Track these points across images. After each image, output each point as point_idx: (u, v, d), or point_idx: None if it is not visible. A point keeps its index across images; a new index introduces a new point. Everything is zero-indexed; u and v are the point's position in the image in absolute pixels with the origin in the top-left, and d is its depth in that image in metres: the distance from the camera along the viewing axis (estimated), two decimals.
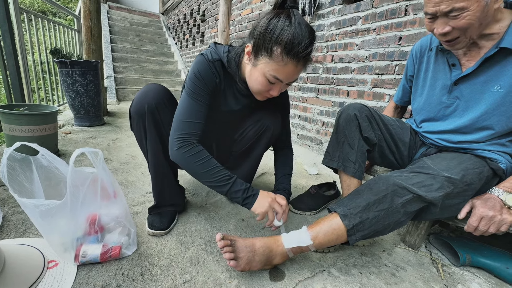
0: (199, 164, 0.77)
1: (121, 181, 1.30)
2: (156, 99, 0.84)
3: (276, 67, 0.72)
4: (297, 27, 0.68)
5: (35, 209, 0.65)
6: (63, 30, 2.98)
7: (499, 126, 0.79)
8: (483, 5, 0.66)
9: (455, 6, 0.66)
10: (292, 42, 0.68)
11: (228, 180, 0.78)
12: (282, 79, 0.75)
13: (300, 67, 0.74)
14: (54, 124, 1.46)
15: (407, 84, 1.07)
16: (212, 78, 0.82)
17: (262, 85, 0.77)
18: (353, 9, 1.73)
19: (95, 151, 0.74)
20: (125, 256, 0.78)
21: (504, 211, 0.72)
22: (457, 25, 0.69)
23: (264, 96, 0.83)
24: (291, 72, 0.74)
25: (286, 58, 0.70)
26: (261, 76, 0.76)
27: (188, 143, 0.78)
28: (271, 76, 0.74)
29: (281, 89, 0.81)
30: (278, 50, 0.69)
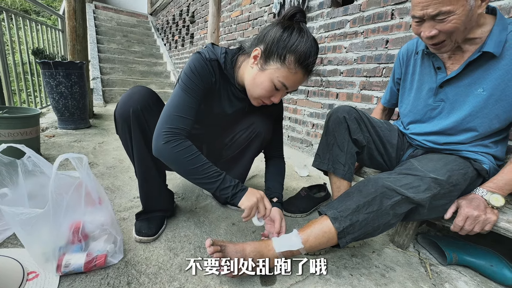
0: (188, 160, 0.72)
1: (107, 186, 1.26)
2: (141, 102, 0.81)
3: (286, 74, 0.75)
4: (311, 41, 0.73)
5: (15, 217, 0.62)
6: (47, 30, 2.89)
7: (482, 128, 0.81)
8: (468, 9, 0.68)
9: (442, 10, 0.68)
10: (306, 54, 0.72)
11: (217, 176, 0.75)
12: (288, 86, 0.77)
13: (306, 77, 0.79)
14: (36, 127, 1.41)
15: (394, 86, 1.08)
16: (208, 76, 0.81)
17: (267, 90, 0.78)
18: (341, 13, 1.75)
19: (79, 156, 0.72)
20: (111, 265, 0.75)
21: (488, 211, 0.74)
22: (443, 29, 0.71)
23: (262, 102, 0.83)
24: (298, 81, 0.77)
25: (298, 67, 0.74)
26: (268, 81, 0.77)
27: (176, 138, 0.72)
28: (279, 82, 0.76)
29: (282, 95, 0.82)
30: (291, 58, 0.73)
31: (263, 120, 0.99)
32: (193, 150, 0.74)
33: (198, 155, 0.75)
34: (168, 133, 0.72)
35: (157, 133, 0.74)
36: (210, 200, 1.22)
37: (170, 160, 0.73)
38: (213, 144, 1.06)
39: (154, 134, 0.75)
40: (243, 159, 1.05)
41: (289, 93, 0.82)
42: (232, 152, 1.04)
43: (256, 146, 1.01)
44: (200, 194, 1.27)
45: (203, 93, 0.80)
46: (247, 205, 0.76)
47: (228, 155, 1.05)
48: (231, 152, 1.04)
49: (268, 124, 1.00)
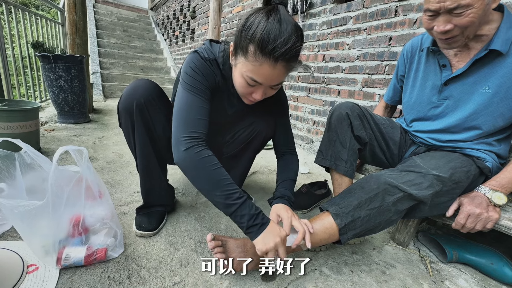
0: (212, 170, 0.66)
1: (107, 180, 1.25)
2: (145, 96, 0.79)
3: (251, 67, 0.66)
4: (274, 23, 0.61)
5: (13, 210, 0.61)
6: (46, 24, 2.86)
7: (486, 126, 0.81)
8: (486, 3, 0.66)
9: (461, 3, 0.65)
10: (266, 39, 0.60)
11: (237, 198, 0.65)
12: (259, 81, 0.68)
13: (280, 68, 0.65)
14: (36, 121, 1.40)
15: (397, 83, 1.08)
16: (212, 75, 0.77)
17: (242, 87, 0.72)
18: (344, 9, 1.73)
19: (80, 149, 0.71)
20: (111, 259, 0.75)
21: (490, 209, 0.74)
22: (459, 23, 0.68)
23: (248, 100, 0.76)
24: (268, 73, 0.66)
25: (261, 57, 0.63)
26: (239, 77, 0.70)
27: (199, 144, 0.67)
28: (248, 78, 0.68)
29: (266, 93, 0.74)
30: (252, 49, 0.63)
31: (264, 118, 0.97)
32: (215, 160, 0.68)
33: (220, 168, 0.68)
34: (190, 139, 0.67)
35: (176, 141, 0.68)
36: None
37: (192, 169, 0.67)
38: (215, 141, 1.05)
39: (172, 143, 0.70)
40: (244, 157, 1.04)
41: (274, 88, 0.73)
42: (232, 150, 1.03)
43: (257, 144, 1.00)
44: None
45: (210, 92, 0.76)
46: (261, 249, 0.64)
47: (229, 152, 1.04)
48: (232, 150, 1.03)
49: (269, 122, 0.97)
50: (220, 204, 0.66)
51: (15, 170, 0.69)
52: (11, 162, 0.69)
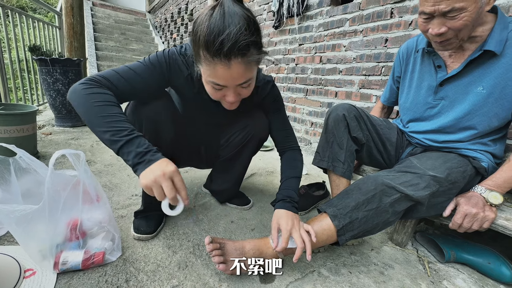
0: (96, 106, 0.60)
1: (105, 183, 1.25)
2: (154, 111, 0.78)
3: (209, 72, 0.62)
4: (217, 19, 0.56)
5: (9, 214, 0.61)
6: (44, 27, 2.86)
7: (481, 126, 0.81)
8: (479, 6, 0.67)
9: (455, 6, 0.66)
10: (209, 39, 0.56)
11: (125, 136, 0.59)
12: (222, 84, 0.64)
13: (237, 65, 0.59)
14: (33, 124, 1.39)
15: (394, 84, 1.08)
16: (179, 65, 0.74)
17: (212, 93, 0.69)
18: (341, 11, 1.75)
19: (77, 152, 0.71)
20: (109, 262, 0.74)
21: (487, 208, 0.74)
22: (453, 26, 0.69)
23: (226, 104, 0.73)
24: (226, 74, 0.61)
25: (212, 60, 0.59)
26: (206, 84, 0.68)
27: (95, 84, 0.63)
28: (211, 83, 0.65)
29: (240, 93, 0.69)
30: (202, 53, 0.60)
31: (258, 121, 0.96)
32: (109, 98, 0.62)
33: (112, 106, 0.62)
34: (90, 79, 0.64)
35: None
36: (209, 198, 1.21)
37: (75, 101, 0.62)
38: (211, 143, 1.05)
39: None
40: (240, 159, 1.04)
41: (243, 87, 0.68)
42: (228, 153, 1.03)
43: (252, 147, 1.00)
44: (199, 192, 1.26)
45: (164, 74, 0.74)
46: (142, 183, 0.58)
47: (225, 155, 1.04)
48: (227, 153, 1.03)
49: (263, 125, 0.96)
50: (106, 141, 0.60)
51: (10, 175, 0.69)
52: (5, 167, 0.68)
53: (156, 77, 0.73)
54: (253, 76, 0.68)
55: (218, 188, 1.15)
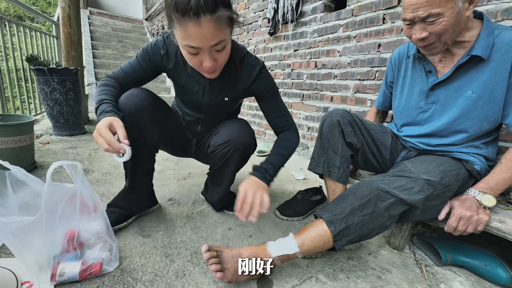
0: (99, 86, 0.85)
1: (103, 192, 1.25)
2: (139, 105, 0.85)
3: (182, 34, 0.66)
4: None
5: (5, 227, 0.61)
6: (41, 36, 2.87)
7: (473, 129, 0.83)
8: (457, 11, 0.71)
9: (432, 12, 0.70)
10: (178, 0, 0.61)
11: (98, 102, 0.79)
12: (195, 45, 0.66)
13: (207, 23, 0.62)
14: (30, 134, 1.40)
15: (387, 90, 1.10)
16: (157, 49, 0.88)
17: (189, 59, 0.73)
18: (334, 17, 1.78)
19: (74, 163, 0.71)
20: (106, 273, 0.74)
21: (481, 211, 0.75)
22: (433, 31, 0.74)
23: (205, 71, 0.76)
24: (197, 33, 0.63)
25: (182, 20, 0.62)
26: (182, 50, 0.72)
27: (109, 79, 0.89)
28: (186, 47, 0.68)
29: (217, 58, 0.72)
30: (174, 15, 0.64)
31: (240, 134, 0.97)
32: (108, 84, 0.86)
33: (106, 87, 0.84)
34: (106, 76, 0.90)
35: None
36: (207, 205, 1.22)
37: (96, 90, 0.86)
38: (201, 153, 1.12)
39: None
40: (227, 171, 1.05)
41: (217, 50, 0.70)
42: (215, 164, 1.04)
43: (236, 159, 1.00)
44: (196, 199, 1.26)
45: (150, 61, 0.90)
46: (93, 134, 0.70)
47: (213, 165, 1.07)
48: (215, 164, 1.05)
49: (246, 138, 0.98)
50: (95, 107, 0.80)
51: (6, 188, 0.69)
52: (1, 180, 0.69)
53: (145, 65, 0.90)
54: (227, 38, 0.70)
55: (213, 199, 1.16)
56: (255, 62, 0.93)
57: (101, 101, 0.79)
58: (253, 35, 2.61)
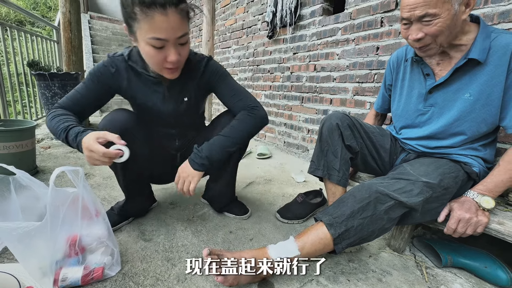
0: (51, 119, 0.78)
1: (104, 197, 1.25)
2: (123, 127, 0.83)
3: (147, 27, 0.67)
4: None
5: (11, 232, 0.61)
6: (42, 41, 2.90)
7: (470, 132, 0.84)
8: (453, 14, 0.72)
9: (428, 12, 0.72)
10: None
11: (65, 129, 0.74)
12: (163, 37, 0.68)
13: (173, 14, 0.67)
14: (32, 139, 1.41)
15: (386, 92, 1.11)
16: (106, 69, 0.86)
17: (154, 55, 0.72)
18: (333, 21, 1.79)
19: (76, 169, 0.72)
20: (108, 278, 0.75)
21: (480, 213, 0.76)
22: (429, 32, 0.75)
23: (167, 70, 0.77)
24: (164, 24, 0.66)
25: (149, 11, 0.65)
26: (146, 46, 0.71)
27: (53, 108, 0.83)
28: (152, 40, 0.68)
29: (180, 53, 0.74)
30: (137, 9, 0.65)
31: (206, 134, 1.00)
32: (60, 112, 0.80)
33: (61, 115, 0.78)
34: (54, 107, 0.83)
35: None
36: (208, 208, 1.22)
37: (47, 123, 0.80)
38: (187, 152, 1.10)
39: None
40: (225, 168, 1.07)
41: (181, 43, 0.73)
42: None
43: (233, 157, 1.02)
44: (197, 203, 1.27)
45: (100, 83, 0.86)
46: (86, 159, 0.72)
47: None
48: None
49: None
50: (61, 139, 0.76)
51: (10, 193, 0.70)
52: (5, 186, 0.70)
53: (95, 88, 0.86)
54: (188, 31, 0.74)
55: (213, 195, 1.17)
56: (201, 56, 0.95)
57: (66, 128, 0.74)
58: (252, 38, 2.63)
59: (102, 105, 0.91)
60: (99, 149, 0.67)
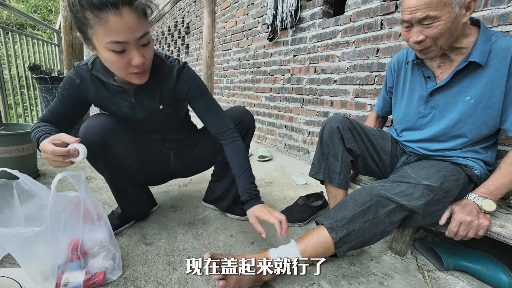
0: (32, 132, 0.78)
1: (105, 200, 1.26)
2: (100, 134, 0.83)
3: (103, 31, 0.61)
4: None
5: (12, 238, 0.62)
6: (43, 44, 2.91)
7: (471, 134, 0.84)
8: (453, 17, 0.72)
9: (429, 14, 0.72)
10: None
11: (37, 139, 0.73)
12: (122, 39, 0.63)
13: (128, 14, 0.62)
14: (33, 143, 1.41)
15: (387, 95, 1.11)
16: (72, 81, 0.83)
17: (116, 61, 0.67)
18: (333, 23, 1.79)
19: (78, 174, 0.72)
20: (110, 282, 0.75)
21: (481, 216, 0.76)
22: (430, 34, 0.75)
23: (134, 75, 0.72)
24: (120, 25, 0.61)
25: (101, 14, 0.59)
26: (106, 52, 0.66)
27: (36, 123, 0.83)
28: (111, 44, 0.63)
29: (145, 55, 0.69)
30: (88, 14, 0.60)
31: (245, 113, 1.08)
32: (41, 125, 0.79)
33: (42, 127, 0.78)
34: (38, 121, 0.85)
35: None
36: (208, 211, 1.22)
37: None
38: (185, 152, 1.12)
39: None
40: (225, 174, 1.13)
41: (143, 44, 0.68)
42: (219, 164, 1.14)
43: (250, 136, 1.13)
44: (198, 206, 1.27)
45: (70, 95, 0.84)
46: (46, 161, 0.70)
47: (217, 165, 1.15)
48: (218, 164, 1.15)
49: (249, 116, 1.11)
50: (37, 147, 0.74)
51: (13, 198, 0.70)
52: (8, 190, 0.70)
53: (67, 102, 0.85)
54: (149, 31, 0.70)
55: (218, 194, 1.18)
56: (174, 63, 0.88)
57: (37, 138, 0.74)
58: (253, 40, 2.63)
59: (82, 114, 0.92)
60: (48, 148, 0.65)
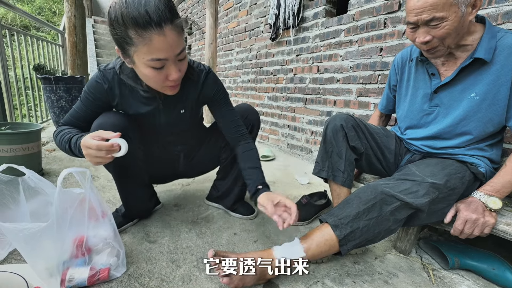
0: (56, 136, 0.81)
1: (109, 198, 1.26)
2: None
3: (146, 49, 0.64)
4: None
5: (18, 233, 0.62)
6: (47, 45, 2.94)
7: (476, 132, 0.83)
8: (460, 16, 0.71)
9: (436, 16, 0.71)
10: (135, 15, 0.60)
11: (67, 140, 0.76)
12: (163, 57, 0.66)
13: (170, 32, 0.64)
14: (38, 142, 1.42)
15: (390, 93, 1.11)
16: (99, 85, 0.83)
17: (155, 77, 0.70)
18: (336, 22, 1.79)
19: (83, 170, 0.73)
20: (114, 278, 0.75)
21: (487, 214, 0.75)
22: (437, 34, 0.74)
23: (169, 87, 0.75)
24: (163, 44, 0.64)
25: (145, 34, 0.61)
26: (144, 69, 0.68)
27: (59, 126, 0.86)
28: (152, 61, 0.66)
29: (180, 69, 0.72)
30: (132, 33, 0.62)
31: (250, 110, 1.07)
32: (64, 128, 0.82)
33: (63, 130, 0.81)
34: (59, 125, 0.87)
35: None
36: (212, 210, 1.22)
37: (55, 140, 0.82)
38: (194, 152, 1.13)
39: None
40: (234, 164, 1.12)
41: (180, 59, 0.71)
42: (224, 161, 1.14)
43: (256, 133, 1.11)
44: (201, 204, 1.27)
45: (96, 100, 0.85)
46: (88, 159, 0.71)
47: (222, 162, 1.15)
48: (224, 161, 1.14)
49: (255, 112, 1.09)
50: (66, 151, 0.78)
51: (19, 194, 0.71)
52: (15, 187, 0.70)
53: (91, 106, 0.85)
54: (185, 45, 0.72)
55: (222, 191, 1.18)
56: (200, 67, 0.91)
57: (68, 139, 0.75)
58: (255, 40, 2.64)
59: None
60: (93, 144, 0.65)
